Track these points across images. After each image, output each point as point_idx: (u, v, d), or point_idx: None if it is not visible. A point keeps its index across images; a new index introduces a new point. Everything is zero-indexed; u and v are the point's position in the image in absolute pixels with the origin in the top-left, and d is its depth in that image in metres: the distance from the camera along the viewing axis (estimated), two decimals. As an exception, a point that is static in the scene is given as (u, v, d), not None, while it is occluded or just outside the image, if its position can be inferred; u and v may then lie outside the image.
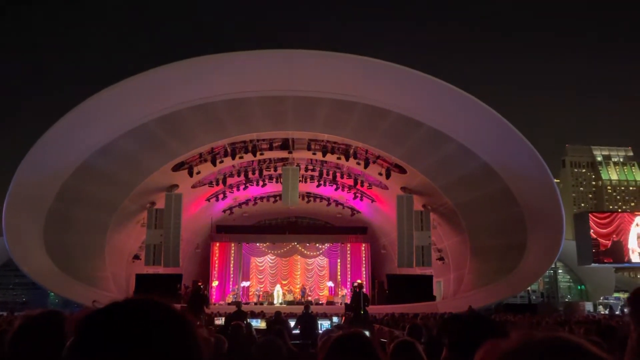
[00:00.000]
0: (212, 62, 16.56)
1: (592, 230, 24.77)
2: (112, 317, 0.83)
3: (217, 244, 28.93)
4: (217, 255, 28.84)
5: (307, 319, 11.02)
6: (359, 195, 25.75)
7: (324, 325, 11.69)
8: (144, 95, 16.51)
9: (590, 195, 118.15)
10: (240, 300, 23.04)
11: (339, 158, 21.09)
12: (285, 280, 29.30)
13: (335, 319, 13.79)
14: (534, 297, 29.99)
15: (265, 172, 23.32)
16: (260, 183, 24.29)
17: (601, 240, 24.56)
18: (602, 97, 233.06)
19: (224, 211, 28.38)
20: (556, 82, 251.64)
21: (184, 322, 0.86)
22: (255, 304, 25.70)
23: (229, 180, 23.44)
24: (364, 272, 28.74)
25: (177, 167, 20.58)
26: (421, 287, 23.13)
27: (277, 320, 8.48)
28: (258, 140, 20.44)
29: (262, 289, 28.59)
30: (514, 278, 19.45)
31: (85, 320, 0.82)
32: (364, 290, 17.53)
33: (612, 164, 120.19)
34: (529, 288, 26.03)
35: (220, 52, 16.77)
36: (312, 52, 16.96)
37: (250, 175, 23.05)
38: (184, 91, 16.65)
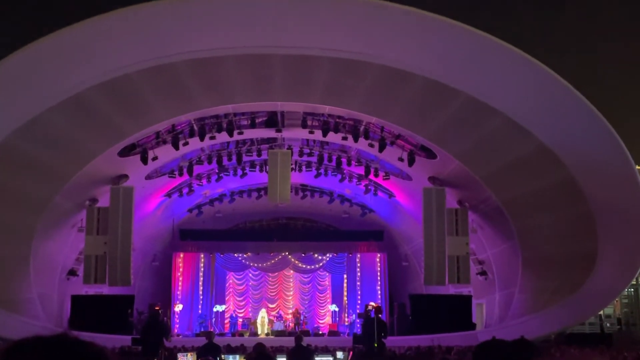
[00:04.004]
0: (170, 8, 16.50)
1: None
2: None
3: (181, 255, 29.15)
4: (181, 269, 29.04)
5: (301, 355, 11.19)
6: (372, 189, 25.88)
7: (324, 363, 11.85)
8: (77, 55, 16.46)
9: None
10: (212, 330, 23.22)
11: (344, 138, 21.18)
12: (273, 303, 29.57)
13: (339, 355, 13.97)
14: (608, 325, 30.13)
15: (245, 158, 23.39)
16: (239, 172, 24.37)
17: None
18: None
19: (190, 210, 28.55)
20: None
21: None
22: (233, 334, 25.92)
23: (197, 169, 23.55)
24: (379, 292, 29.04)
25: (125, 151, 20.64)
26: (456, 312, 23.38)
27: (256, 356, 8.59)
28: (235, 115, 20.49)
29: (242, 315, 28.81)
30: (580, 299, 19.59)
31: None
32: (380, 315, 17.70)
33: None
34: (600, 313, 26.17)
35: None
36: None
37: (225, 161, 23.14)
38: (133, 48, 16.61)
